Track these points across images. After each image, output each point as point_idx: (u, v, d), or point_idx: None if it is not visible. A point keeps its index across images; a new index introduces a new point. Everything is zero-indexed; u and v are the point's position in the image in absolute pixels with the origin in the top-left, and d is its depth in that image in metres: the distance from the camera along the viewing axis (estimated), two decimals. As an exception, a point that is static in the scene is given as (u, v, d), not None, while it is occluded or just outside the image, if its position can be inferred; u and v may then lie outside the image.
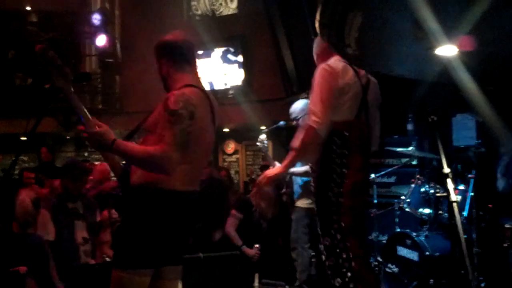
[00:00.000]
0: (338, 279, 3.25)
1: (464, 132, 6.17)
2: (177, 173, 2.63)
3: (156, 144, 2.59)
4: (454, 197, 2.47)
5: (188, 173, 2.73)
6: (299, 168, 5.05)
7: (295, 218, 5.39)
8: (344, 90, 3.42)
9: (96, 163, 6.64)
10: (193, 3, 8.67)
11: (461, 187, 4.93)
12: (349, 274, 3.22)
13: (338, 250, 3.27)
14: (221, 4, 8.49)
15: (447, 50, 2.60)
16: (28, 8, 7.49)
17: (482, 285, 4.62)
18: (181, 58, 2.94)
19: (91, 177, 5.87)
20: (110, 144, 2.59)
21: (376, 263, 5.24)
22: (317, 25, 2.11)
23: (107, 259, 4.96)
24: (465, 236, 4.38)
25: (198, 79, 2.98)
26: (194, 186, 2.81)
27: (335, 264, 3.28)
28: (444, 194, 2.49)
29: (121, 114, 9.43)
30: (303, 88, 6.62)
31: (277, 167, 3.56)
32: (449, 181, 2.51)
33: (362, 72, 3.57)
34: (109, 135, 2.62)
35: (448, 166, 2.57)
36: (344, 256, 3.26)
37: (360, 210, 3.47)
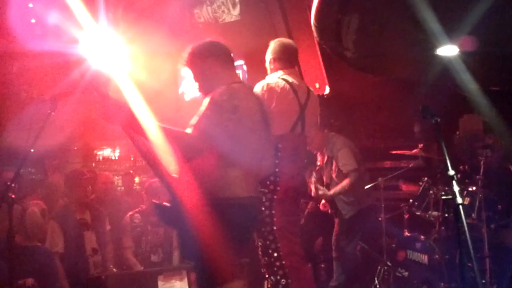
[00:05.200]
0: (272, 277, 3.54)
1: (471, 132, 6.09)
2: (233, 180, 2.54)
3: (190, 127, 2.52)
4: (459, 199, 2.43)
5: (244, 178, 2.61)
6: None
7: (338, 222, 5.44)
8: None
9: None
10: (195, 11, 8.66)
11: (472, 188, 4.86)
12: (280, 272, 3.51)
13: (270, 251, 3.53)
14: (223, 11, 8.47)
15: (448, 50, 2.57)
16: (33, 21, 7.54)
17: (495, 287, 4.55)
18: (226, 57, 2.92)
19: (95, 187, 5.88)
20: (130, 115, 2.47)
21: (386, 267, 5.18)
22: (313, 29, 2.09)
23: (114, 270, 4.95)
24: (475, 238, 4.37)
25: (239, 77, 2.97)
26: (253, 192, 2.70)
27: (268, 263, 3.55)
28: (450, 197, 2.44)
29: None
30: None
31: None
32: (454, 183, 2.47)
33: (302, 88, 3.77)
34: (128, 106, 2.51)
35: (456, 167, 2.53)
36: (276, 255, 3.52)
37: (293, 213, 3.83)
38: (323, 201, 5.60)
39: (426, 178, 5.26)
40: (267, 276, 3.62)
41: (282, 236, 3.62)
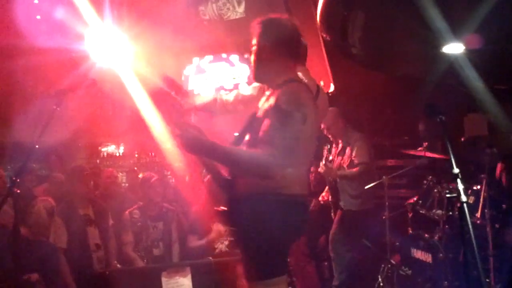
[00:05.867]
0: None
1: (476, 131, 6.08)
2: (290, 178, 2.49)
3: (262, 144, 2.40)
4: (464, 198, 2.43)
5: (300, 176, 2.60)
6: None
7: (338, 218, 5.44)
8: None
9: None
10: (200, 8, 8.66)
11: (476, 186, 4.84)
12: None
13: None
14: (228, 8, 8.47)
15: (454, 48, 2.56)
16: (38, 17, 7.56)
17: (498, 286, 4.53)
18: (291, 46, 2.66)
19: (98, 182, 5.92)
20: (210, 146, 2.39)
21: (389, 266, 5.18)
22: (318, 26, 2.08)
23: (118, 266, 4.97)
24: (479, 237, 4.36)
25: (296, 73, 2.73)
26: (305, 191, 2.69)
27: None
28: (454, 195, 2.43)
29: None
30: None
31: None
32: (459, 181, 2.46)
33: (310, 86, 3.62)
34: (206, 137, 2.42)
35: (460, 166, 2.52)
36: None
37: None
38: (324, 193, 5.63)
39: (430, 177, 5.25)
40: None
41: None
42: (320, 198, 5.66)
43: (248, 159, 2.43)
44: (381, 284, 5.15)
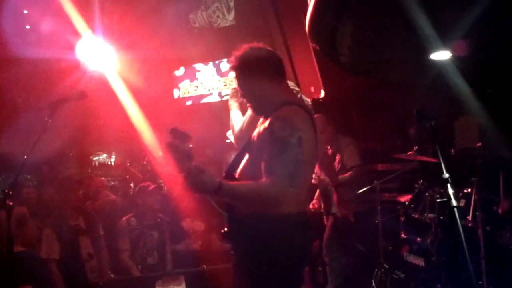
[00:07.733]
0: None
1: (467, 134, 6.13)
2: (289, 197, 2.48)
3: (265, 175, 2.45)
4: (454, 202, 2.46)
5: (299, 195, 2.57)
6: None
7: (330, 224, 5.46)
8: None
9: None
10: (190, 16, 8.70)
11: (467, 189, 4.88)
12: None
13: None
14: (218, 16, 8.52)
15: (442, 55, 2.60)
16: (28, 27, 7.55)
17: (490, 288, 4.56)
18: (273, 70, 2.69)
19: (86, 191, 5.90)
20: (217, 188, 2.41)
21: (383, 270, 5.19)
22: (307, 35, 2.10)
23: (112, 275, 4.95)
24: (471, 240, 4.38)
25: (290, 90, 2.79)
26: (305, 207, 2.71)
27: None
28: (445, 199, 2.46)
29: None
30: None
31: None
32: (449, 186, 2.49)
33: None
34: (213, 179, 2.43)
35: (451, 169, 2.55)
36: None
37: None
38: (314, 200, 5.65)
39: (421, 181, 5.28)
40: None
41: None
42: (310, 206, 5.68)
43: (255, 192, 2.47)
44: (375, 288, 5.17)
